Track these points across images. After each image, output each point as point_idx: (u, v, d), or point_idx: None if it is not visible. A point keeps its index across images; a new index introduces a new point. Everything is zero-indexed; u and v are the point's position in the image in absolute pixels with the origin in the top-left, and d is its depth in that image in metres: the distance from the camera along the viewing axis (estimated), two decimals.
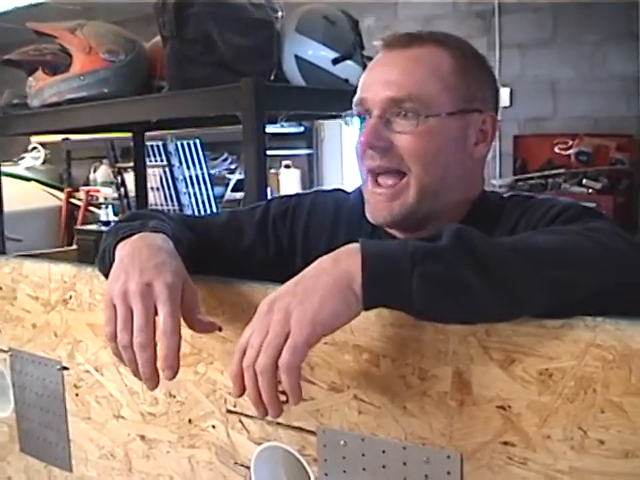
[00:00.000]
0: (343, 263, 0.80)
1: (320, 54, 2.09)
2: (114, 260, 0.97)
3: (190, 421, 1.06)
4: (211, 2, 1.99)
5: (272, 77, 2.08)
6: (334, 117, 1.18)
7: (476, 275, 0.75)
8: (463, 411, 0.81)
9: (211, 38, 1.99)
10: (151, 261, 0.92)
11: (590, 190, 4.45)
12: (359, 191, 1.20)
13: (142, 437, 1.12)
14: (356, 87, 1.13)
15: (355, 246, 0.81)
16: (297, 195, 1.31)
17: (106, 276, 0.97)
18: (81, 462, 1.22)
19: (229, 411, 1.01)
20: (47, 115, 2.46)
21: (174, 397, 1.07)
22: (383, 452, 0.87)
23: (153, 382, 0.89)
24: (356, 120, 1.13)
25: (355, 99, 1.12)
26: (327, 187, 1.41)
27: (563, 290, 0.78)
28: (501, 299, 0.76)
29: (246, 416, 0.99)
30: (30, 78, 2.49)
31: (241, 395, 0.82)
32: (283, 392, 0.80)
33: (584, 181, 4.49)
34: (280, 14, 2.16)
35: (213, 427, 1.03)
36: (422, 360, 0.83)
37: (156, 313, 0.89)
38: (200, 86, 2.00)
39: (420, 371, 0.83)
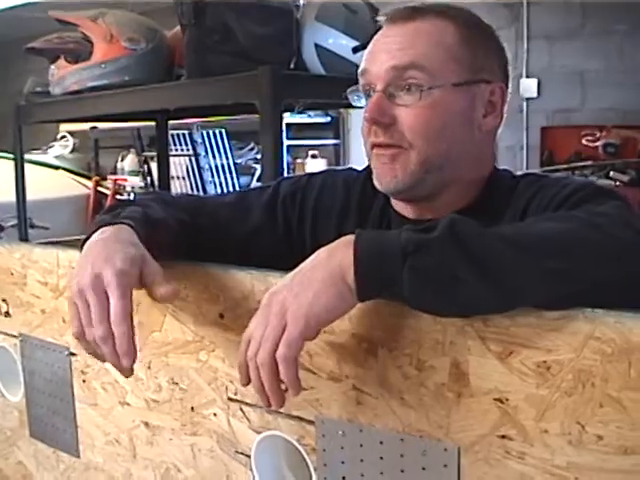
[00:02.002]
0: (338, 255, 0.80)
1: (340, 42, 2.08)
2: None
3: (192, 409, 1.05)
4: None
5: (292, 66, 2.08)
6: (353, 106, 1.17)
7: (466, 268, 0.74)
8: (460, 403, 0.80)
9: (229, 26, 1.99)
10: (102, 254, 0.92)
11: (617, 183, 4.38)
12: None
13: (146, 424, 1.12)
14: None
15: (350, 238, 0.80)
16: (307, 175, 1.30)
17: None
18: (88, 448, 1.23)
19: (230, 399, 1.01)
20: (68, 103, 2.48)
21: (177, 384, 1.07)
22: (381, 443, 0.86)
23: (125, 372, 0.90)
24: (362, 99, 1.11)
25: (359, 70, 1.10)
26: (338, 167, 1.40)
27: (560, 282, 0.75)
28: (493, 292, 0.74)
29: (246, 404, 0.99)
30: (52, 66, 2.51)
31: (247, 385, 0.84)
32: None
33: (611, 173, 4.42)
34: (300, 2, 2.15)
35: (215, 415, 1.03)
36: (420, 350, 0.81)
37: None
38: (218, 74, 2.00)
39: (418, 361, 0.82)
